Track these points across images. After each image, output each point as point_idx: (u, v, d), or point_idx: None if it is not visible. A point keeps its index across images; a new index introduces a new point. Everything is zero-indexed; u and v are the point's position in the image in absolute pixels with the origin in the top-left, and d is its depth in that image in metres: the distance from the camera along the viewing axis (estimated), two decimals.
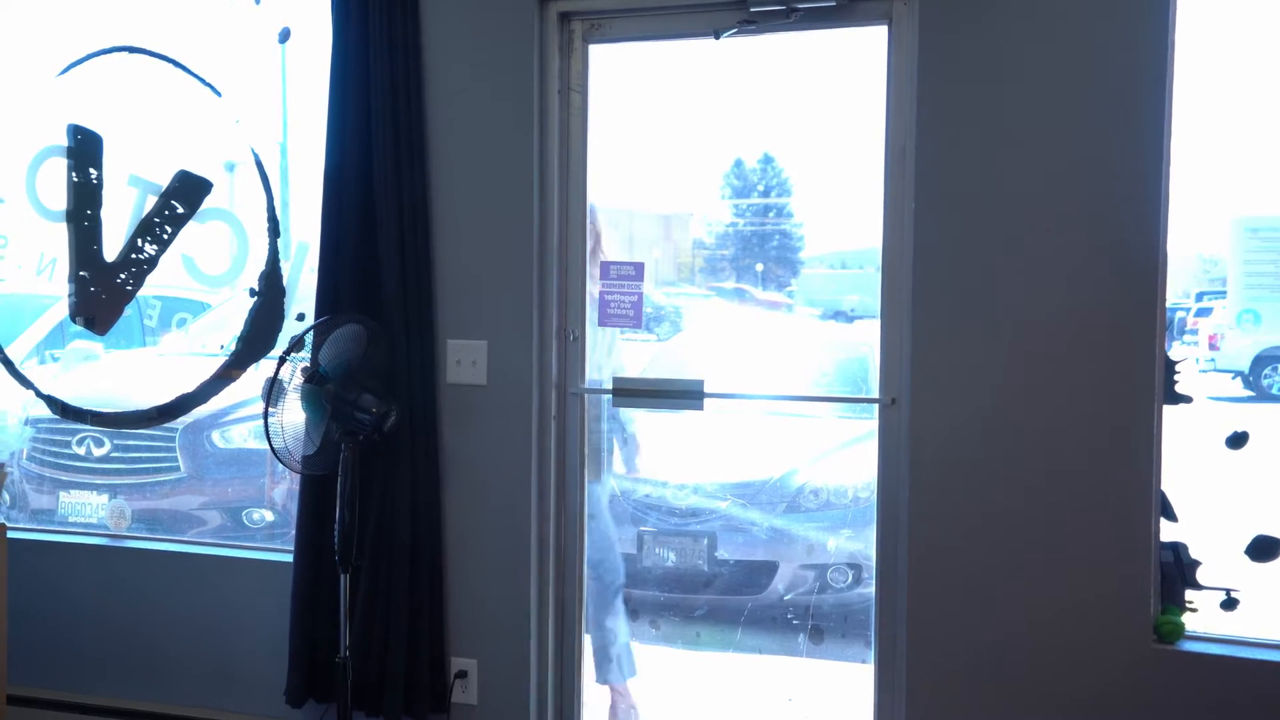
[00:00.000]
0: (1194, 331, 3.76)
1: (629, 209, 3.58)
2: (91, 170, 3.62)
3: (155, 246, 3.59)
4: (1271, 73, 2.92)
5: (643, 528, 3.71)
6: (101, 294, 3.64)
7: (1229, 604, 2.73)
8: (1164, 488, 2.68)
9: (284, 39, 3.46)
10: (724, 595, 4.23)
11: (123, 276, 3.63)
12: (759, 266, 3.72)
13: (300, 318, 3.41)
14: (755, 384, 3.32)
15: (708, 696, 3.77)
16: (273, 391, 2.81)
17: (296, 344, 2.88)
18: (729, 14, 2.92)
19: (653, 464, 3.75)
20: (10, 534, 3.27)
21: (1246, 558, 2.74)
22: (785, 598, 3.70)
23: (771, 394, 3.32)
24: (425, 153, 3.08)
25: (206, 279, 3.63)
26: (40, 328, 3.92)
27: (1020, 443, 2.71)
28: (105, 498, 3.82)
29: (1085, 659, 2.68)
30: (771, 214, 3.68)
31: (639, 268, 3.15)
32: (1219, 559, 2.77)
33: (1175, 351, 2.74)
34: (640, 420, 3.62)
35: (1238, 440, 2.77)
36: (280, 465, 2.95)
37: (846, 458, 3.36)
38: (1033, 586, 2.71)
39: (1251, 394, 3.73)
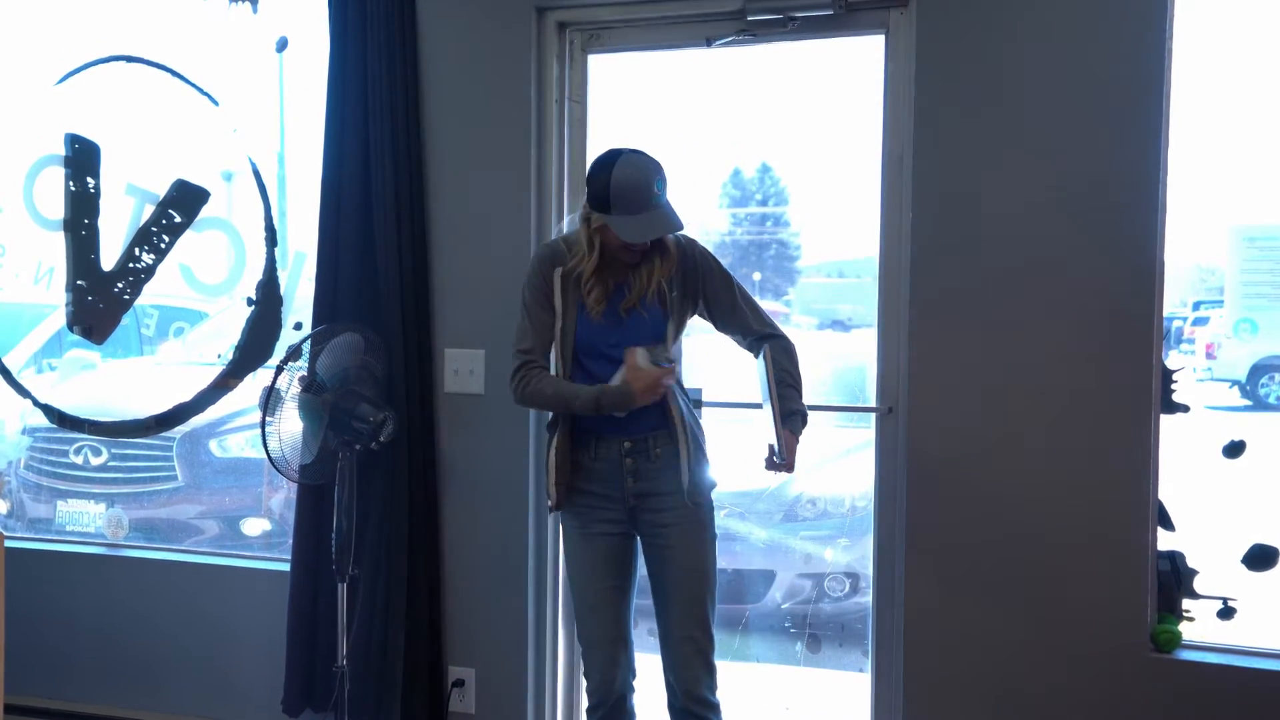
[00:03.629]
0: (1191, 340, 3.75)
1: None
2: (89, 179, 3.62)
3: (153, 255, 3.59)
4: (1269, 81, 2.92)
5: None
6: (99, 303, 3.64)
7: (1226, 613, 2.73)
8: (1161, 497, 2.68)
9: (282, 48, 3.46)
10: (721, 604, 4.23)
11: (120, 285, 3.63)
12: (756, 276, 3.71)
13: (298, 327, 3.40)
14: (752, 393, 3.29)
15: None
16: (270, 400, 2.81)
17: (294, 353, 2.88)
18: (727, 24, 2.92)
19: None
20: (8, 543, 3.26)
21: (1243, 567, 2.74)
22: (783, 606, 3.69)
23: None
24: (423, 162, 3.09)
25: (204, 288, 3.63)
26: (38, 337, 3.91)
27: (1017, 452, 2.71)
28: (103, 507, 3.81)
29: (1082, 668, 2.68)
30: (769, 223, 3.68)
31: None
32: (1216, 568, 2.77)
33: (1172, 360, 2.74)
34: None
35: (1235, 449, 2.77)
36: (278, 474, 2.94)
37: (844, 467, 3.36)
38: (1029, 596, 2.71)
39: (1249, 403, 3.73)
